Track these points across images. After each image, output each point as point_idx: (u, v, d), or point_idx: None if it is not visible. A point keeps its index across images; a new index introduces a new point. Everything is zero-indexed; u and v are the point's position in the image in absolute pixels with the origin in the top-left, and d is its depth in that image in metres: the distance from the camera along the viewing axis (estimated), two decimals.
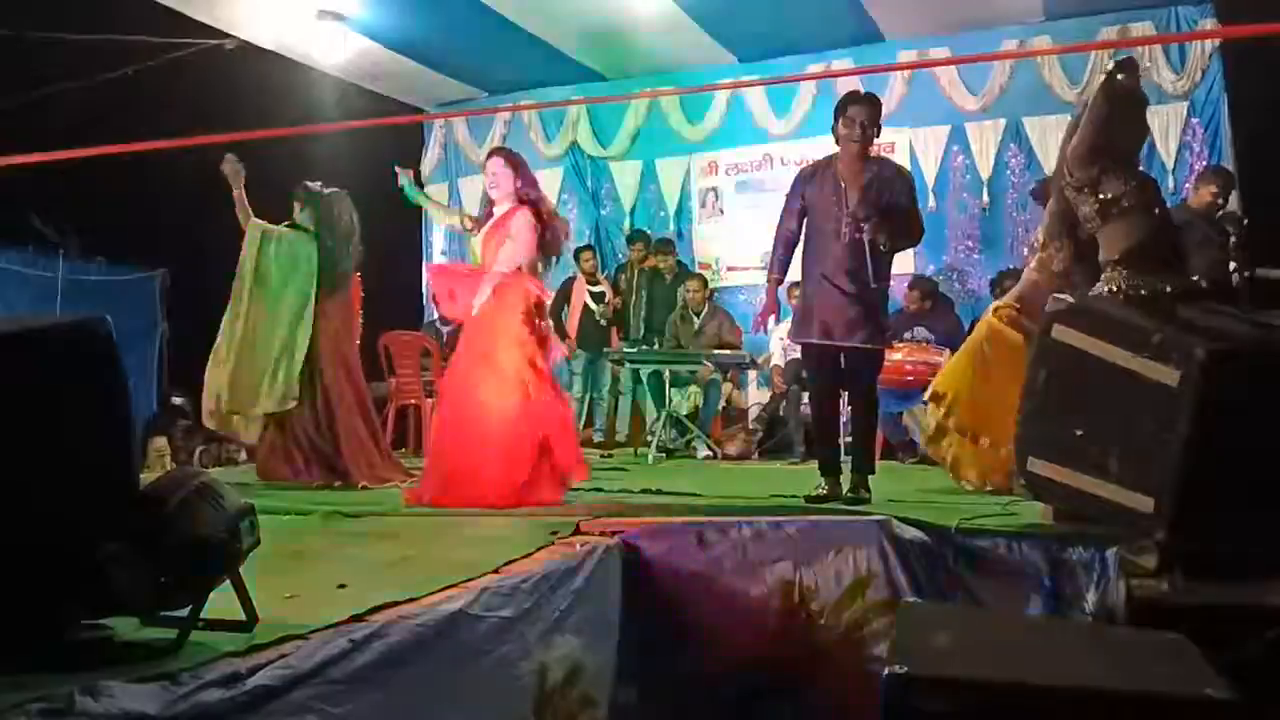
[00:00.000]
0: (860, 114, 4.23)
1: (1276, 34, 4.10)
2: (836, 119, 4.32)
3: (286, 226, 5.49)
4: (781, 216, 4.41)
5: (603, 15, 7.58)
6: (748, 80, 8.31)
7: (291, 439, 5.20)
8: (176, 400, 7.97)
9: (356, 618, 2.12)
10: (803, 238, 4.36)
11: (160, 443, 7.31)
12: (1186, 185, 7.42)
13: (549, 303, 4.73)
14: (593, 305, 8.08)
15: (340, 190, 5.59)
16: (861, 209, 4.15)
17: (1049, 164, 6.57)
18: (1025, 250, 4.42)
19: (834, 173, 4.28)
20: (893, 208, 4.19)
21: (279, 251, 5.34)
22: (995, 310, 4.62)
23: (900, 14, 7.82)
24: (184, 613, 1.94)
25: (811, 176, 4.35)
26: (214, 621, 1.99)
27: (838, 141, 4.33)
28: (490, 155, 4.60)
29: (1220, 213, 5.56)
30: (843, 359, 4.31)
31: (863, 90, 4.83)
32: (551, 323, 4.72)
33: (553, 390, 4.37)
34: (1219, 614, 2.28)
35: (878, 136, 4.39)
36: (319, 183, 5.58)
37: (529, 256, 4.39)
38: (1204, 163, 7.37)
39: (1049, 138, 7.39)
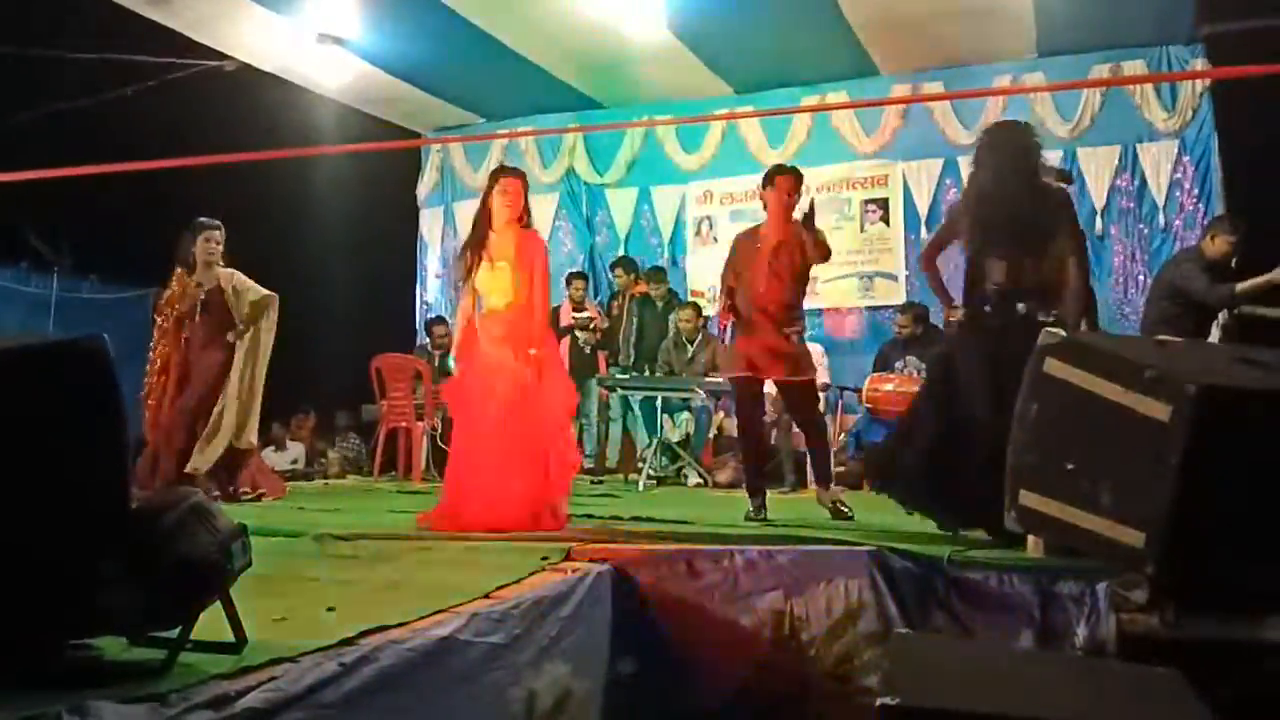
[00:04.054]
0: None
1: (1264, 75, 4.16)
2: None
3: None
4: None
5: (601, 44, 7.64)
6: (744, 111, 8.39)
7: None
8: None
9: (346, 641, 2.11)
10: None
11: None
12: (1176, 222, 7.51)
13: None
14: (577, 332, 8.07)
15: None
16: None
17: None
18: None
19: None
20: None
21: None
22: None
23: (895, 49, 7.92)
24: (173, 633, 1.92)
25: None
26: (203, 643, 1.97)
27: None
28: (510, 175, 4.58)
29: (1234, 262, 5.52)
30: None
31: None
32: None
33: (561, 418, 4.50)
34: (1209, 648, 2.29)
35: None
36: (214, 219, 5.85)
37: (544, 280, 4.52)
38: (1194, 200, 7.46)
39: None
